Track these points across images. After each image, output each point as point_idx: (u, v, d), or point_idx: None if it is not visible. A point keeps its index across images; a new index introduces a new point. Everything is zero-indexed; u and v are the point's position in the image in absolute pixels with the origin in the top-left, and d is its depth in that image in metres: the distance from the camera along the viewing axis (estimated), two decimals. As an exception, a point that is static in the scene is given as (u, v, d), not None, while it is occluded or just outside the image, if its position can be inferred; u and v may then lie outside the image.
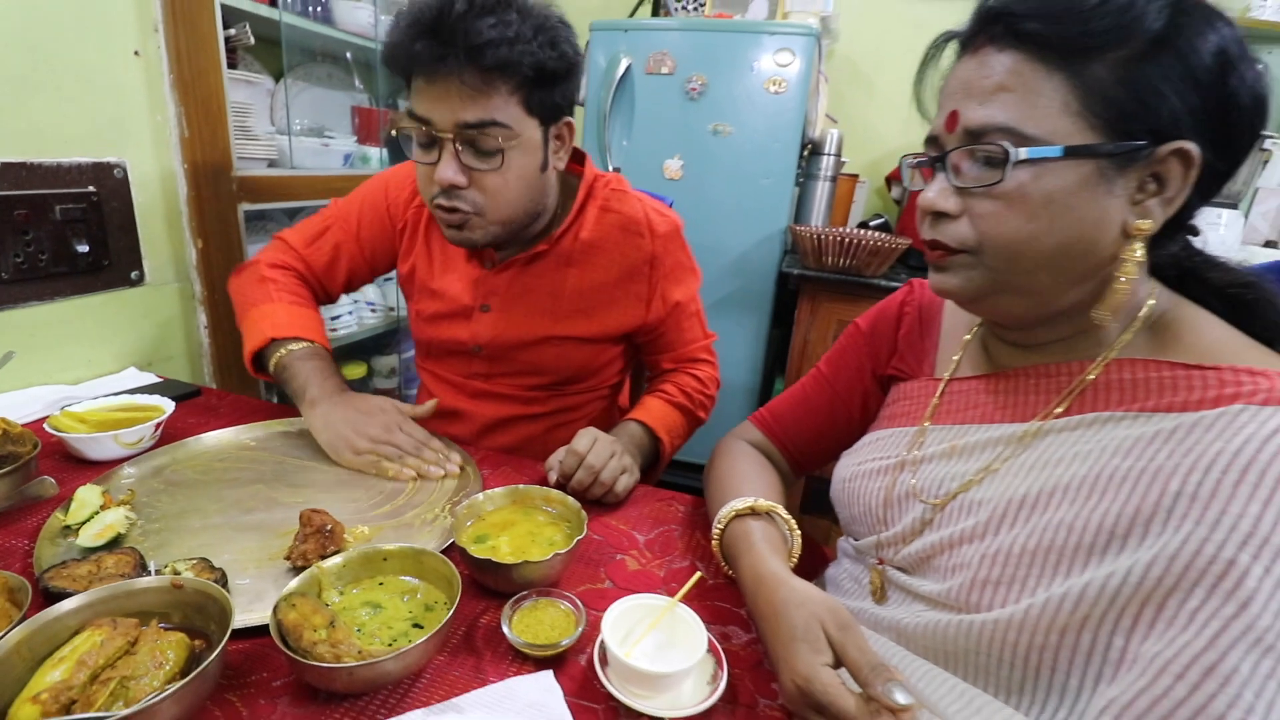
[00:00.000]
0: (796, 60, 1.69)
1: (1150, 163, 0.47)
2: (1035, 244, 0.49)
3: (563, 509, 0.68)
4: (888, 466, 0.65)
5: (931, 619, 0.55)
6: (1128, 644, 0.44)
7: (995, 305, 0.55)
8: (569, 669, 0.53)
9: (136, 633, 0.46)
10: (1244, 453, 0.42)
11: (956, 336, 0.68)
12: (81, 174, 0.95)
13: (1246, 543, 0.40)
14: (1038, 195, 0.48)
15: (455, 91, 0.75)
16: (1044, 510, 0.50)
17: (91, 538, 0.61)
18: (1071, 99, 0.47)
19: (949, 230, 0.52)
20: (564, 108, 0.84)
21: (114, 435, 0.76)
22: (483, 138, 0.77)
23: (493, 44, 0.73)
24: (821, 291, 1.76)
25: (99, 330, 1.02)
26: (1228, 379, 0.47)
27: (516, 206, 0.84)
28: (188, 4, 1.03)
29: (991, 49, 0.49)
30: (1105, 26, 0.46)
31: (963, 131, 0.50)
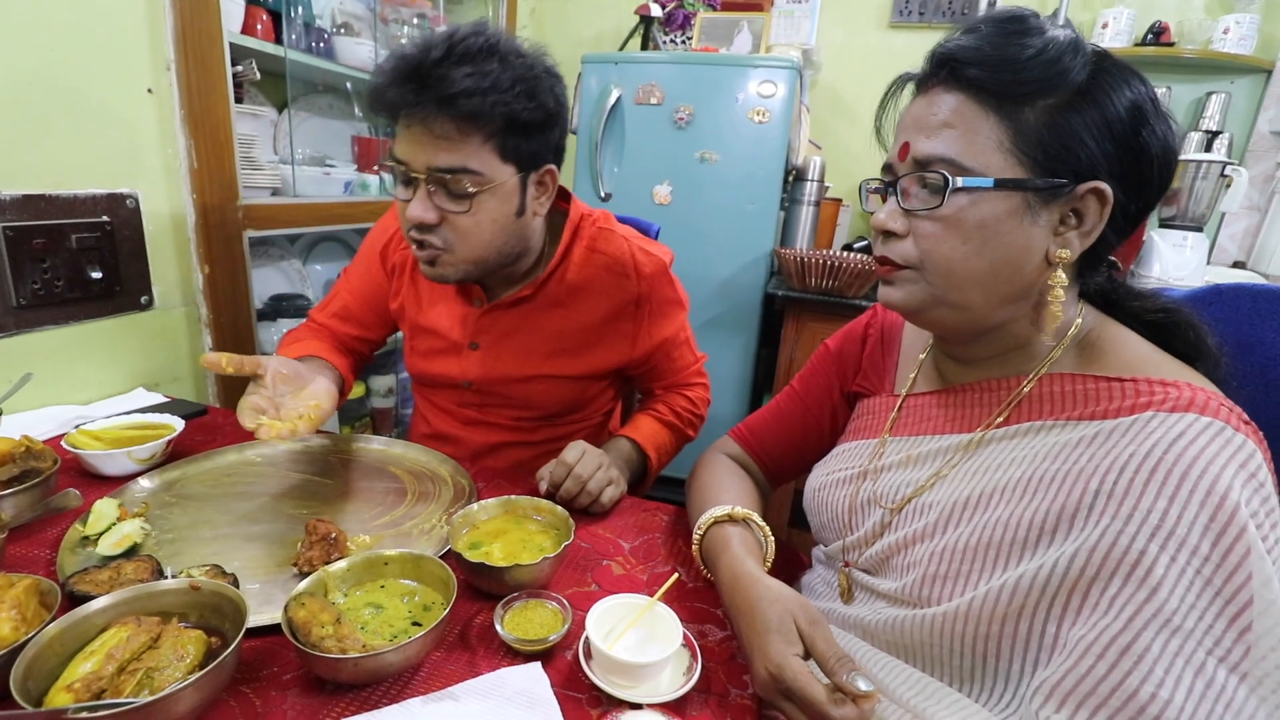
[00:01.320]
0: (779, 91, 1.77)
1: (1070, 199, 0.54)
2: (967, 263, 0.55)
3: (552, 517, 0.72)
4: (852, 476, 0.70)
5: (891, 615, 0.60)
6: (1059, 630, 0.49)
7: (934, 318, 0.60)
8: (556, 662, 0.58)
9: (159, 629, 0.51)
10: (1153, 454, 0.47)
11: (914, 356, 0.74)
12: (96, 204, 1.01)
13: (1155, 534, 0.45)
14: (971, 220, 0.54)
15: (428, 137, 0.77)
16: (984, 510, 0.56)
17: (110, 546, 0.65)
18: (1004, 138, 0.53)
19: (896, 248, 0.58)
20: (545, 156, 0.85)
21: (128, 452, 0.80)
22: (454, 181, 0.79)
23: (466, 93, 0.74)
24: (806, 312, 1.82)
25: (110, 352, 1.07)
26: (1143, 389, 0.53)
27: (488, 248, 0.85)
28: (198, 43, 1.09)
29: (940, 89, 0.56)
30: (1035, 77, 0.52)
31: (911, 160, 0.56)
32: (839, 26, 2.25)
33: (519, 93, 0.78)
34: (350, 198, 1.56)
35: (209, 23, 1.10)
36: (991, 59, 0.53)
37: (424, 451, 0.94)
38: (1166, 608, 0.44)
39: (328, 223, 1.47)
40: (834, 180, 2.25)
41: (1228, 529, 0.44)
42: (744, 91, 1.79)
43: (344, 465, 0.90)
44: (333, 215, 1.47)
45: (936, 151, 0.54)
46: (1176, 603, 0.44)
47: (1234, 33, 1.95)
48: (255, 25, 1.27)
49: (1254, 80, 2.02)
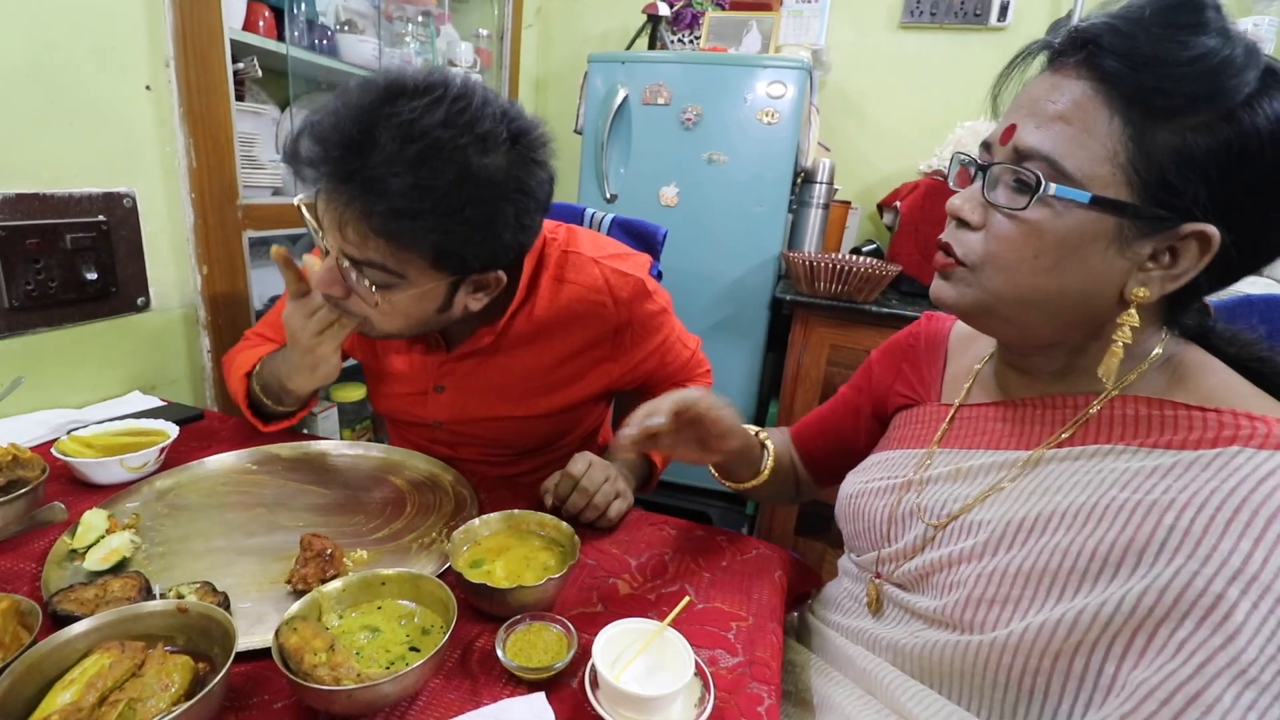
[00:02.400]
0: (788, 92, 1.74)
1: (1170, 236, 0.47)
2: (1033, 280, 0.51)
3: (556, 533, 0.70)
4: (894, 485, 0.67)
5: (929, 639, 0.56)
6: (1118, 671, 0.45)
7: (984, 325, 0.57)
8: (561, 691, 0.55)
9: (143, 655, 0.48)
10: (1238, 492, 0.43)
11: (965, 364, 0.71)
12: (92, 204, 0.98)
13: (1235, 578, 0.41)
14: (1051, 234, 0.49)
15: (346, 222, 0.65)
16: (1041, 534, 0.52)
17: (98, 561, 0.63)
18: (1121, 149, 0.46)
19: (964, 239, 0.54)
20: (496, 260, 0.73)
21: (120, 460, 0.77)
22: (365, 272, 0.68)
23: (394, 213, 0.62)
24: (814, 316, 1.79)
25: (105, 355, 1.05)
26: (1227, 421, 0.48)
27: (403, 330, 0.77)
28: (198, 40, 1.07)
29: (1070, 72, 0.49)
30: (1185, 90, 0.44)
31: (1012, 148, 0.50)
32: (848, 26, 2.22)
33: (465, 220, 0.65)
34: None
35: (210, 19, 1.08)
36: (1139, 54, 0.45)
37: (425, 460, 0.92)
38: (1244, 657, 0.40)
39: (329, 223, 1.45)
40: (843, 182, 2.22)
41: None
42: (753, 92, 1.76)
43: (342, 473, 0.88)
44: (334, 215, 1.44)
45: (1041, 146, 0.48)
46: (1256, 653, 0.40)
47: (1253, 35, 1.91)
48: (257, 22, 1.25)
49: (1272, 83, 1.99)
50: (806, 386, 1.83)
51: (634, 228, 1.27)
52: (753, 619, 0.67)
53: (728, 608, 0.69)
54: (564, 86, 2.43)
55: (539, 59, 2.45)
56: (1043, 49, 0.53)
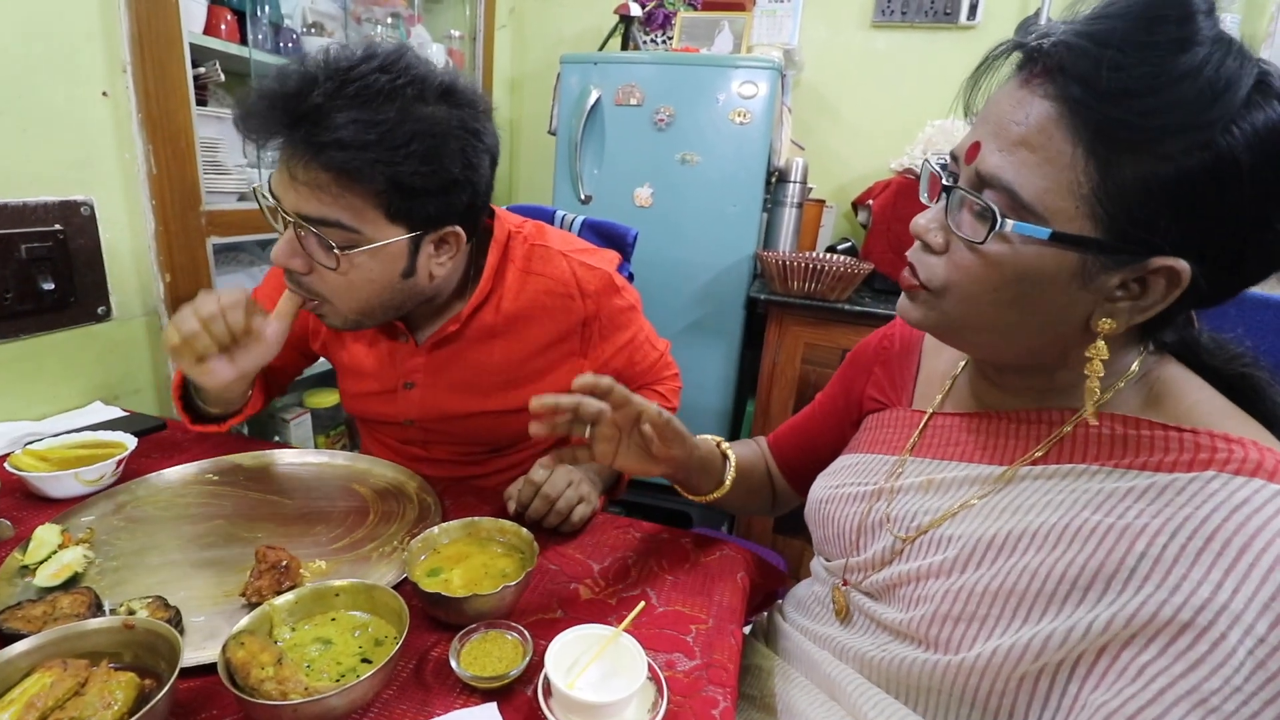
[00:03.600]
0: (760, 92, 1.75)
1: (1137, 269, 0.45)
2: (993, 310, 0.50)
3: (516, 540, 0.70)
4: (865, 493, 0.66)
5: (896, 654, 0.56)
6: (1079, 691, 0.45)
7: (953, 343, 0.57)
8: (516, 700, 0.55)
9: (86, 674, 0.48)
10: (1211, 520, 0.43)
11: (939, 369, 0.70)
12: (48, 213, 0.97)
13: (1204, 607, 0.41)
14: (1011, 269, 0.47)
15: (302, 180, 0.66)
16: (1011, 554, 0.51)
17: (48, 578, 0.62)
18: (1084, 180, 0.43)
19: (927, 262, 0.53)
20: (448, 218, 0.74)
21: (74, 473, 0.77)
22: (324, 232, 0.68)
23: (339, 144, 0.63)
24: (788, 315, 1.80)
25: (64, 366, 1.03)
26: (1204, 444, 0.47)
27: (368, 305, 0.76)
28: (156, 45, 1.06)
29: (1036, 88, 0.45)
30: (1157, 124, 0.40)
31: (974, 171, 0.48)
32: (822, 26, 2.23)
33: (412, 153, 0.66)
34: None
35: (168, 24, 1.06)
36: (1106, 86, 0.41)
37: (391, 467, 0.91)
38: (1205, 686, 0.40)
39: (297, 228, 1.44)
40: (817, 181, 2.23)
41: None
42: (725, 92, 1.76)
43: (305, 483, 0.87)
44: (303, 220, 1.43)
45: (1001, 174, 0.46)
46: (1219, 683, 0.40)
47: None
48: (219, 25, 1.23)
49: (1235, 81, 2.03)
50: (782, 385, 1.84)
51: (604, 229, 1.27)
52: (712, 621, 0.68)
53: (688, 610, 0.69)
54: (538, 87, 2.42)
55: (513, 60, 2.44)
56: (1014, 49, 0.49)
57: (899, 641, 0.58)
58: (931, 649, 0.54)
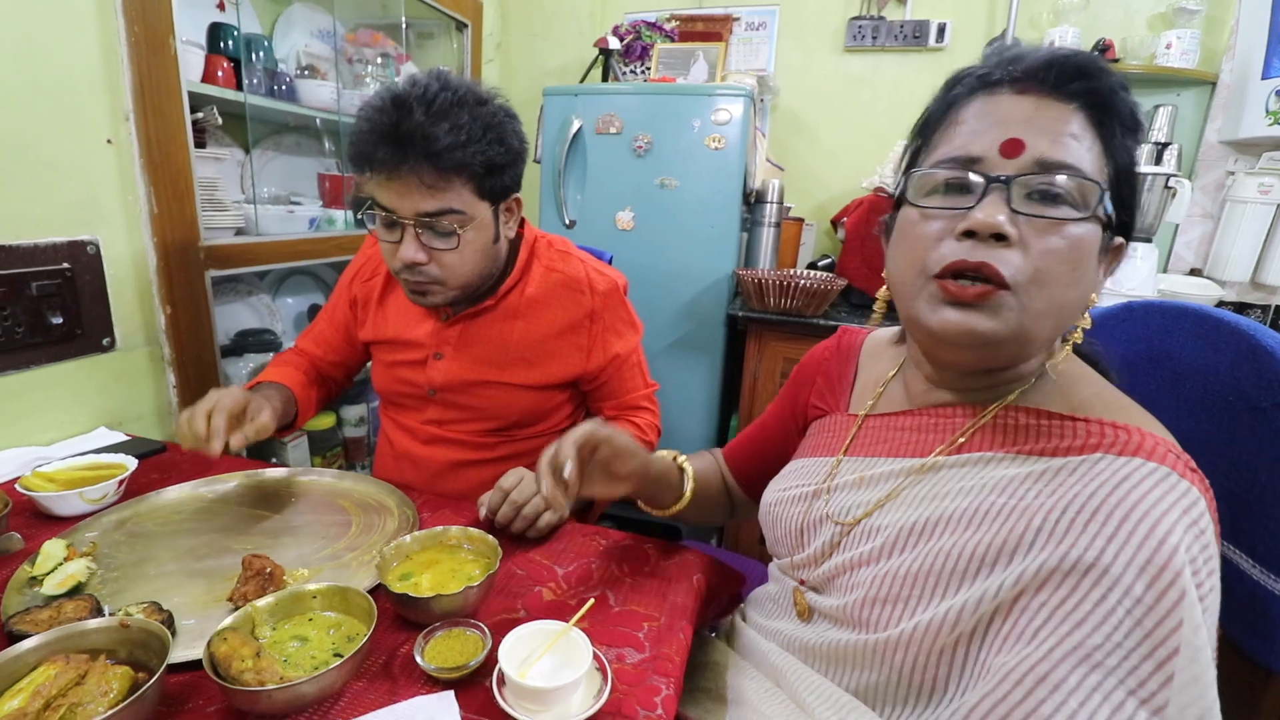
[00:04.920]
0: (733, 118, 1.83)
1: (1110, 247, 0.54)
2: (1067, 293, 0.51)
3: (482, 546, 0.76)
4: (806, 494, 0.71)
5: (833, 637, 0.61)
6: (986, 657, 0.50)
7: (1000, 354, 0.56)
8: (475, 690, 0.60)
9: (86, 667, 0.53)
10: (1096, 495, 0.48)
11: (874, 375, 0.75)
12: (56, 252, 1.05)
13: (1089, 571, 0.46)
14: (1086, 245, 0.50)
15: (415, 188, 0.85)
16: (930, 538, 0.56)
17: (54, 586, 0.68)
18: (1103, 166, 0.51)
19: (1005, 256, 0.50)
20: (512, 187, 0.95)
21: (79, 493, 0.83)
22: (440, 222, 0.88)
23: (449, 149, 0.83)
24: (767, 331, 1.86)
25: (72, 394, 1.10)
26: (1094, 430, 0.53)
27: (472, 275, 0.95)
28: (157, 94, 1.14)
29: (1050, 97, 0.51)
30: (1130, 114, 0.51)
31: (1032, 161, 0.50)
32: (796, 51, 2.32)
33: (490, 140, 0.87)
34: (316, 233, 1.60)
35: (166, 75, 1.15)
36: (1112, 77, 0.51)
37: (374, 484, 0.97)
38: (1089, 642, 0.44)
39: (291, 259, 1.52)
40: (796, 200, 2.31)
41: (1163, 573, 0.44)
42: (700, 119, 1.84)
43: (294, 499, 0.93)
44: (296, 252, 1.51)
45: (1072, 159, 0.49)
46: (1101, 639, 0.44)
47: (1176, 47, 2.01)
48: (216, 73, 1.32)
49: (1199, 92, 2.09)
50: (763, 399, 1.90)
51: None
52: (664, 619, 0.73)
53: (642, 610, 0.74)
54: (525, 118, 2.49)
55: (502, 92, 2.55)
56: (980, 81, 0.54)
57: (837, 627, 0.63)
58: (861, 629, 0.59)
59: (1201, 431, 0.68)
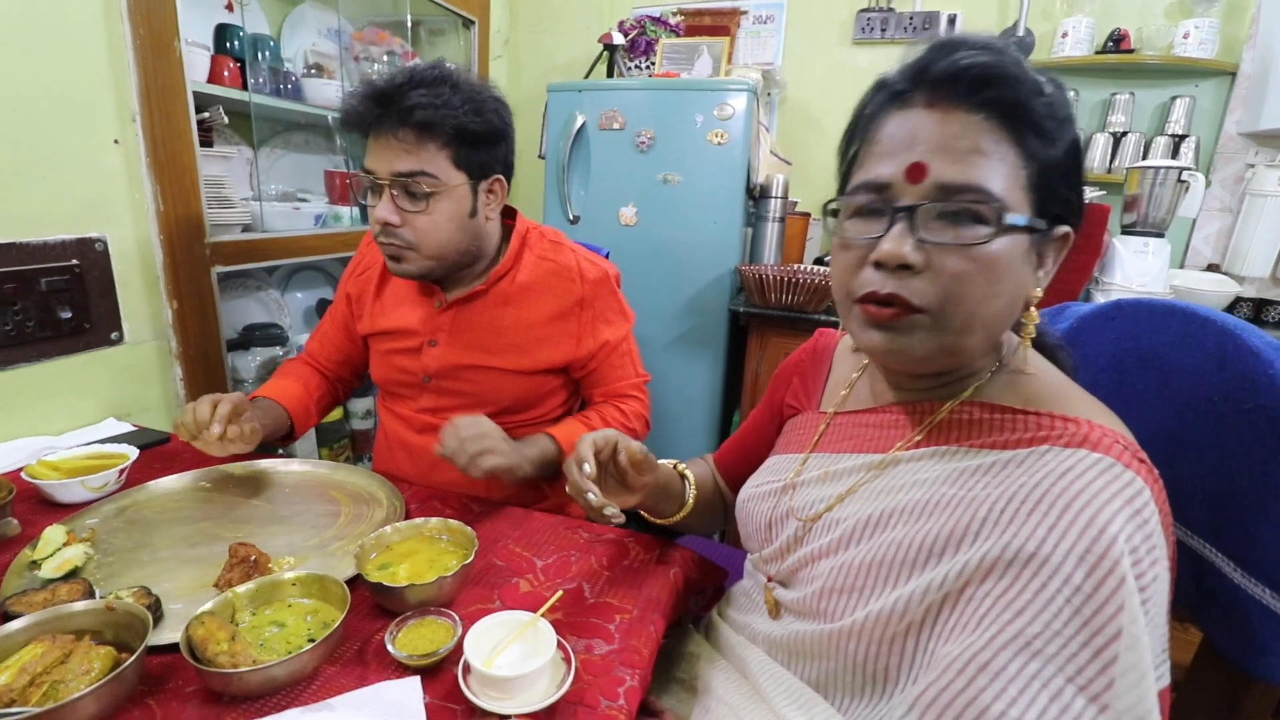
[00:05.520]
0: (736, 113, 1.82)
1: (1048, 241, 0.54)
2: (988, 306, 0.52)
3: (460, 538, 0.77)
4: (775, 490, 0.73)
5: (794, 629, 0.63)
6: (934, 647, 0.51)
7: (933, 367, 0.58)
8: (443, 677, 0.62)
9: (71, 647, 0.56)
10: (1040, 486, 0.49)
11: (844, 375, 0.77)
12: (65, 249, 1.08)
13: (1030, 560, 0.46)
14: (1003, 259, 0.51)
15: (392, 146, 0.91)
16: (884, 529, 0.57)
17: (51, 570, 0.71)
18: (1022, 174, 0.51)
19: (913, 286, 0.52)
20: (493, 167, 0.99)
21: (81, 481, 0.86)
22: (413, 183, 0.92)
23: (420, 107, 0.89)
24: (769, 328, 1.86)
25: (81, 386, 1.15)
26: (1044, 424, 0.53)
27: (446, 245, 0.97)
28: (163, 96, 1.17)
29: (958, 109, 0.51)
30: (1061, 114, 0.52)
31: (934, 186, 0.51)
32: (804, 44, 2.30)
33: (466, 109, 0.92)
34: (322, 229, 1.63)
35: (172, 76, 1.18)
36: (1023, 82, 0.50)
37: (367, 475, 1.00)
38: (1029, 630, 0.45)
39: (297, 255, 1.55)
40: (802, 195, 2.29)
41: (1102, 561, 0.45)
42: (702, 114, 1.84)
43: (287, 490, 0.96)
44: (302, 248, 1.54)
45: (975, 180, 0.50)
46: (1040, 627, 0.45)
47: (1194, 37, 1.96)
48: (222, 73, 1.35)
49: (1219, 83, 2.03)
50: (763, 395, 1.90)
51: (578, 250, 1.35)
52: (637, 612, 0.74)
53: (616, 602, 0.76)
54: (533, 114, 2.52)
55: (510, 88, 2.56)
56: (895, 93, 0.55)
57: (800, 619, 0.64)
58: (818, 620, 0.60)
59: (1187, 432, 0.67)
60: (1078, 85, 2.13)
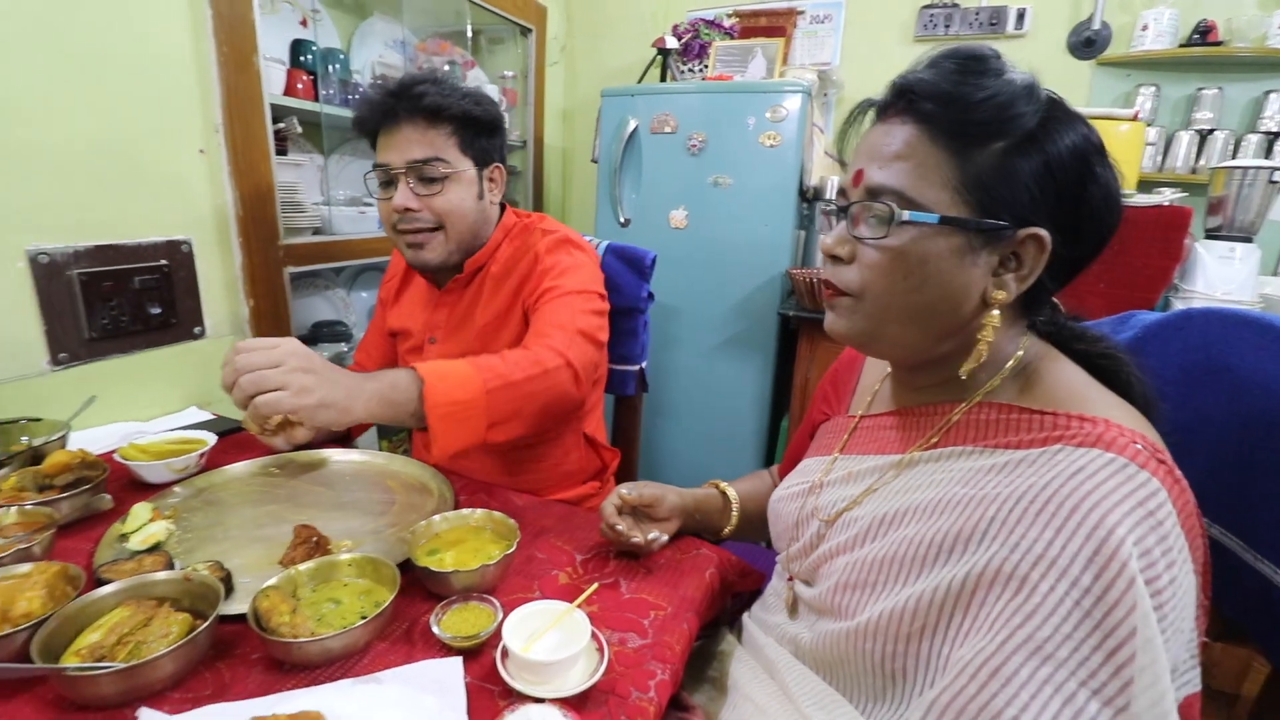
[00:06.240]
0: (790, 115, 1.81)
1: (1010, 243, 0.55)
2: (907, 298, 0.57)
3: (503, 529, 0.81)
4: (802, 491, 0.75)
5: (819, 630, 0.64)
6: (949, 652, 0.51)
7: (876, 349, 0.64)
8: (483, 659, 0.65)
9: (153, 612, 0.62)
10: (1049, 486, 0.48)
11: (872, 379, 0.78)
12: (155, 250, 1.18)
13: (1037, 563, 0.46)
14: (914, 255, 0.55)
15: (407, 137, 0.99)
16: (899, 527, 0.58)
17: (138, 543, 0.78)
18: (952, 176, 0.54)
19: (840, 273, 0.60)
20: (493, 155, 1.08)
21: (166, 463, 0.94)
22: (427, 168, 0.99)
23: (429, 95, 0.98)
24: (819, 332, 1.83)
25: (167, 376, 1.24)
26: (1060, 423, 0.53)
27: (463, 226, 1.04)
28: (243, 108, 1.26)
29: (897, 120, 0.57)
30: (985, 119, 0.53)
31: (864, 189, 0.57)
32: (863, 43, 2.26)
33: (470, 101, 1.02)
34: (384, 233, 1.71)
35: (251, 89, 1.27)
36: (946, 96, 0.54)
37: (420, 467, 1.05)
38: (1039, 634, 0.45)
39: (361, 257, 1.63)
40: (858, 197, 2.25)
41: (1110, 564, 0.44)
42: (755, 116, 1.84)
43: (347, 478, 1.02)
44: (365, 250, 1.63)
45: (888, 182, 0.56)
46: (1050, 631, 0.45)
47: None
48: (296, 85, 1.44)
49: (1320, 76, 1.89)
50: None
51: (626, 253, 1.37)
52: (671, 609, 0.75)
53: (651, 598, 0.77)
54: (588, 118, 2.58)
55: (565, 93, 2.62)
56: (869, 107, 0.63)
57: (817, 617, 0.65)
58: (836, 617, 0.61)
59: (1259, 452, 0.64)
60: (1159, 80, 2.02)
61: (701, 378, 2.03)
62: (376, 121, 1.01)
